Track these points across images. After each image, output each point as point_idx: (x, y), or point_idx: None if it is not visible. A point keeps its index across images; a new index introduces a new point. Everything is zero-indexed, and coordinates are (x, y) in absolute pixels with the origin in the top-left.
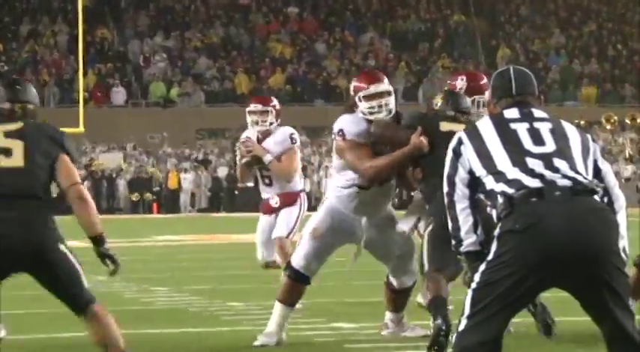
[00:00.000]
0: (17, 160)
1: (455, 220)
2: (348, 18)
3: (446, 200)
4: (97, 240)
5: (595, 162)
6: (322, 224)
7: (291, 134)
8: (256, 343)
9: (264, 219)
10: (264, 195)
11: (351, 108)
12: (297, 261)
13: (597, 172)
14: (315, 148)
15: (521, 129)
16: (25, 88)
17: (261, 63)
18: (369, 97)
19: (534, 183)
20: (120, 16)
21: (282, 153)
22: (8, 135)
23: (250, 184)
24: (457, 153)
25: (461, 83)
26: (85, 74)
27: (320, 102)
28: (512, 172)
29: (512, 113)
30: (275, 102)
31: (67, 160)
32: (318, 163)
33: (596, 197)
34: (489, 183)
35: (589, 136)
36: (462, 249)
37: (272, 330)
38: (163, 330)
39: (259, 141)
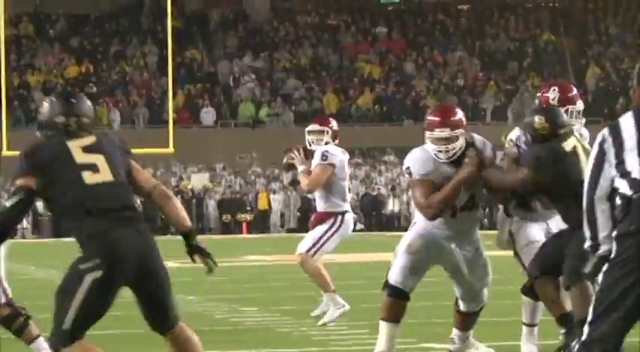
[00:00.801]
0: (106, 175)
1: (593, 223)
2: (436, 37)
3: (585, 201)
4: (188, 235)
5: None
6: (416, 241)
7: (324, 151)
8: None
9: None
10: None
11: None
12: (394, 277)
13: None
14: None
15: None
16: (79, 102)
17: (349, 83)
18: (433, 140)
19: None
20: (209, 37)
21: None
22: (87, 150)
23: None
24: (602, 152)
25: (553, 94)
26: (174, 95)
27: (409, 122)
28: (637, 172)
29: None
30: (333, 123)
31: (137, 165)
32: (407, 184)
33: None
34: (617, 182)
35: None
36: (599, 253)
37: (382, 349)
38: (252, 351)
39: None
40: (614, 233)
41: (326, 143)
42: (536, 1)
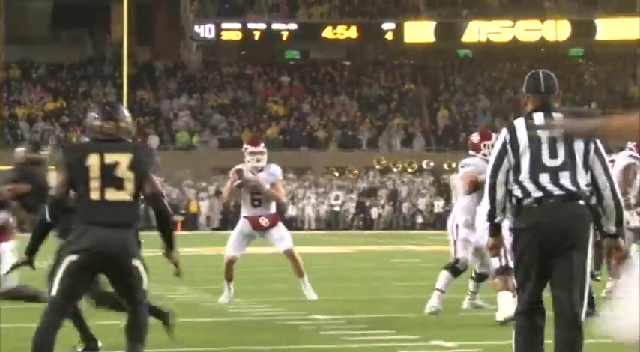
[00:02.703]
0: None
1: (493, 201)
2: (326, 85)
3: (488, 184)
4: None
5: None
6: None
7: (281, 171)
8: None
9: (245, 228)
10: (251, 213)
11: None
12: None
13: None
14: (300, 183)
15: (544, 137)
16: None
17: (260, 118)
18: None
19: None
20: (155, 81)
21: (272, 183)
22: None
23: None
24: (505, 149)
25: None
26: None
27: (304, 148)
28: (527, 182)
29: (539, 118)
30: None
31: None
32: (302, 194)
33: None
34: (512, 185)
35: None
36: (495, 221)
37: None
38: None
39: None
40: (510, 225)
41: (264, 161)
42: (401, 59)
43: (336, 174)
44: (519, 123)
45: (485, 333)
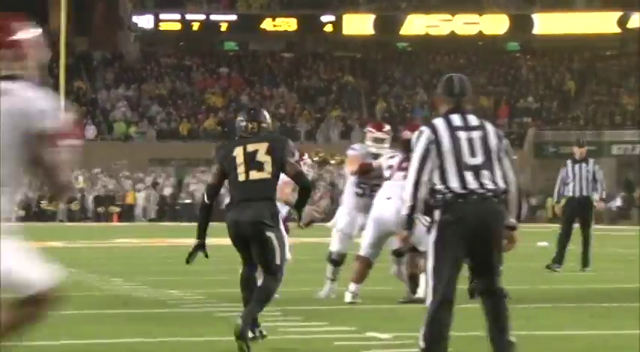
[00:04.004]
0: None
1: (412, 196)
2: (265, 77)
3: (413, 180)
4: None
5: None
6: None
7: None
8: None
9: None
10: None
11: None
12: None
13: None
14: None
15: (463, 138)
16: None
17: (198, 110)
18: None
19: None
20: (92, 72)
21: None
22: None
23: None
24: (428, 150)
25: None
26: None
27: None
28: (455, 182)
29: (456, 120)
30: None
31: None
32: None
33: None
34: (436, 181)
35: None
36: (414, 215)
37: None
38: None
39: None
40: (436, 218)
41: None
42: (340, 51)
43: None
44: (440, 125)
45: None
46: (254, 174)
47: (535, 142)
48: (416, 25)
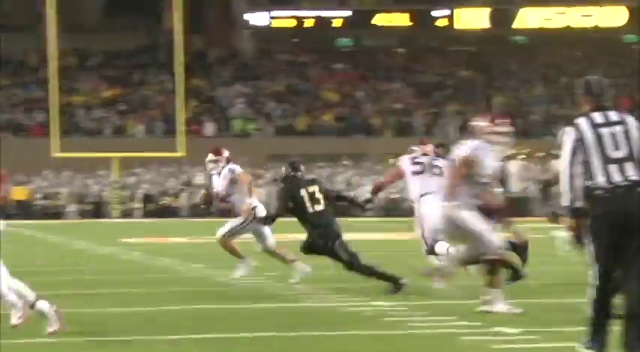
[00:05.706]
0: None
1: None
2: (380, 72)
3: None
4: None
5: None
6: None
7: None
8: None
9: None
10: None
11: None
12: None
13: None
14: (357, 170)
15: (606, 134)
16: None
17: (315, 105)
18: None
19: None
20: (209, 69)
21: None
22: None
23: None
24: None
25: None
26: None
27: (360, 136)
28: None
29: (597, 117)
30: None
31: None
32: (358, 181)
33: None
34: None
35: None
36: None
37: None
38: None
39: None
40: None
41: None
42: (454, 46)
43: (392, 161)
44: (583, 122)
45: (545, 320)
46: None
47: None
48: (530, 18)
